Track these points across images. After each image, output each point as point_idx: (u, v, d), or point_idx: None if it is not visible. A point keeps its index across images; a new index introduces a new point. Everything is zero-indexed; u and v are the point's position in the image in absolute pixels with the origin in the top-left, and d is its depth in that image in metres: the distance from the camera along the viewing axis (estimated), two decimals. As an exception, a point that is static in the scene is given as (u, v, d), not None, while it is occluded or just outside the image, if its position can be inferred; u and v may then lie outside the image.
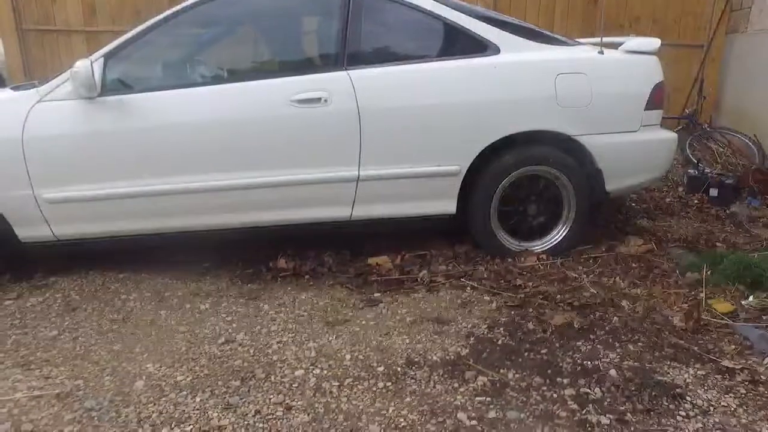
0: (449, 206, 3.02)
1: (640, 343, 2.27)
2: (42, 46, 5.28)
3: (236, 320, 2.48)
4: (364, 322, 2.46)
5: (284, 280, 2.89)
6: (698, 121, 5.15)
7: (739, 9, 5.29)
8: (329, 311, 2.56)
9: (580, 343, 2.28)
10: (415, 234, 3.21)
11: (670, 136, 3.23)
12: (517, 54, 2.98)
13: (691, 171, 4.48)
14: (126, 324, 2.46)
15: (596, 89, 2.98)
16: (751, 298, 2.59)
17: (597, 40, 3.25)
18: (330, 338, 2.33)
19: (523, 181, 3.07)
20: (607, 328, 2.39)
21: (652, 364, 2.13)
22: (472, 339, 2.32)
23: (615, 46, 3.19)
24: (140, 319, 2.50)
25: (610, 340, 2.30)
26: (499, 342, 2.30)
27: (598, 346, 2.26)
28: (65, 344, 2.29)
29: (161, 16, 2.82)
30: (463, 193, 3.01)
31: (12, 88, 3.07)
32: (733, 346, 2.26)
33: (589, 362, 2.14)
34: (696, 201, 4.20)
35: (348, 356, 2.20)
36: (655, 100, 3.08)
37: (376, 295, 2.72)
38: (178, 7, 2.85)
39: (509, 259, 3.05)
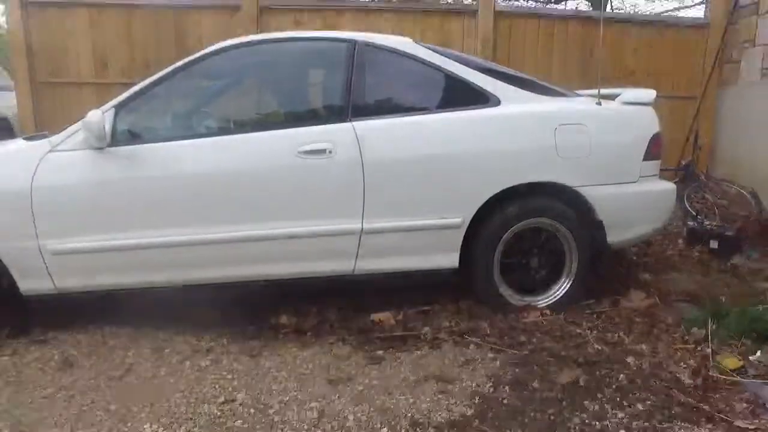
0: (452, 260, 3.01)
1: (648, 402, 2.23)
2: (53, 98, 5.39)
3: (237, 378, 2.43)
4: (367, 381, 2.42)
5: (286, 337, 2.85)
6: (695, 172, 5.21)
7: (729, 62, 5.44)
8: (331, 369, 2.52)
9: (587, 402, 2.23)
10: (418, 288, 3.19)
11: (669, 186, 3.27)
12: (517, 105, 3.04)
13: (690, 223, 4.50)
14: (124, 382, 2.41)
15: (595, 140, 3.02)
16: (759, 353, 2.56)
17: (594, 91, 3.32)
18: (332, 397, 2.28)
19: (525, 233, 3.08)
20: (614, 387, 2.34)
21: (662, 424, 2.09)
22: (477, 398, 2.27)
23: (612, 97, 3.25)
24: (138, 376, 2.45)
25: (618, 399, 2.25)
26: (505, 401, 2.25)
27: (606, 405, 2.22)
28: (61, 403, 2.24)
29: (170, 69, 2.90)
30: (465, 246, 3.01)
31: (25, 139, 3.12)
32: (745, 405, 2.22)
33: (597, 422, 2.10)
34: (697, 253, 4.20)
35: (351, 417, 2.15)
36: (652, 151, 3.13)
37: (379, 352, 2.68)
38: (186, 60, 2.93)
39: (512, 315, 3.01)
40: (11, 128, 7.87)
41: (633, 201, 3.13)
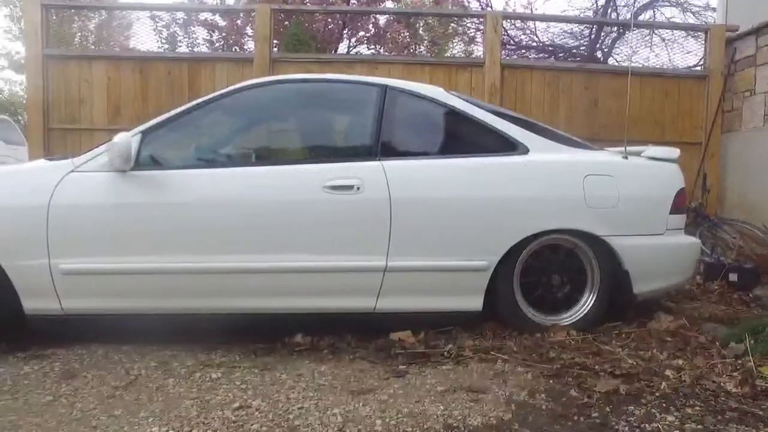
0: (475, 303, 2.89)
1: (697, 407, 2.07)
2: (64, 144, 5.43)
3: (251, 388, 2.26)
4: (391, 391, 2.25)
5: (301, 355, 2.69)
6: (704, 213, 5.19)
7: (731, 111, 5.57)
8: (352, 381, 2.35)
9: (632, 407, 2.08)
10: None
11: (694, 240, 3.26)
12: (545, 154, 3.02)
13: (706, 259, 4.42)
14: (129, 390, 2.23)
15: (623, 192, 2.97)
16: (805, 364, 2.41)
17: (620, 148, 3.31)
18: (356, 405, 2.11)
19: (545, 251, 2.99)
20: (657, 394, 2.19)
21: (716, 426, 1.93)
22: (513, 405, 2.11)
23: (636, 154, 3.25)
24: (145, 385, 2.28)
25: (665, 404, 2.10)
26: (544, 407, 2.09)
27: (653, 410, 2.05)
28: (60, 409, 2.06)
29: (201, 99, 2.88)
30: None
31: (47, 159, 3.07)
32: (801, 410, 2.06)
33: (647, 425, 1.94)
34: (716, 287, 4.09)
35: (378, 422, 1.98)
36: (678, 205, 3.10)
37: (402, 367, 2.52)
38: (220, 91, 2.93)
39: (538, 334, 2.88)
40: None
41: (659, 253, 3.06)
